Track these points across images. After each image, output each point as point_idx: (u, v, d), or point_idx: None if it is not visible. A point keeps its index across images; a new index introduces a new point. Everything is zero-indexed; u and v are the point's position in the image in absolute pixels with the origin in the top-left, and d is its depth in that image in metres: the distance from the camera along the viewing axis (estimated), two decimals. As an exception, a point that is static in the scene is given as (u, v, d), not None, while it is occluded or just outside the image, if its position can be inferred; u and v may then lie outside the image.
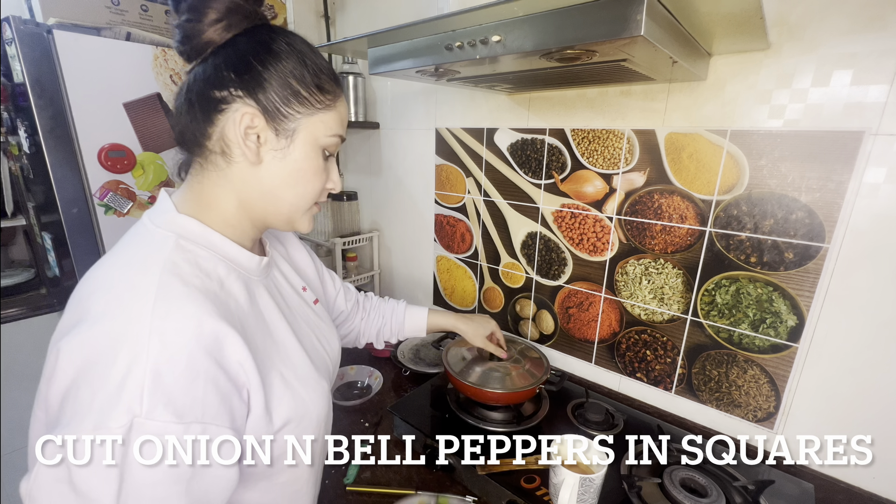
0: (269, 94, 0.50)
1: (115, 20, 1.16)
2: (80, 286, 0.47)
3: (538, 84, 0.98)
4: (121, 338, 0.40)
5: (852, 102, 0.72)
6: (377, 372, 1.21)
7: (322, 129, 0.53)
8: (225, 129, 0.50)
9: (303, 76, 0.51)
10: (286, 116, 0.51)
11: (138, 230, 0.51)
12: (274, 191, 0.53)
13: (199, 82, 0.50)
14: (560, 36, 0.55)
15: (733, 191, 0.85)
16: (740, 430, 0.93)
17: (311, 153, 0.53)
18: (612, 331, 1.09)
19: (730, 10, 0.58)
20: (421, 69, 0.77)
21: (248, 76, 0.49)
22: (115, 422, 0.37)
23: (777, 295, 0.84)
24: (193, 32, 0.49)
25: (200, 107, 0.50)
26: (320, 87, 0.53)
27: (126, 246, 0.50)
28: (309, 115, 0.52)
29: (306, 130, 0.52)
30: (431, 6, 0.78)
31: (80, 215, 1.04)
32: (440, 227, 1.44)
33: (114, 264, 0.48)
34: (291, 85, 0.50)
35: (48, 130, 0.98)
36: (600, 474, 0.71)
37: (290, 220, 0.57)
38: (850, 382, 0.79)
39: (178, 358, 0.41)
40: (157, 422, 0.38)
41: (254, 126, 0.50)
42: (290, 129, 0.51)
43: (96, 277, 0.47)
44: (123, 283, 0.44)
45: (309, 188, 0.55)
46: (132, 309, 0.41)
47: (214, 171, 0.52)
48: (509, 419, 0.99)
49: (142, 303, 0.42)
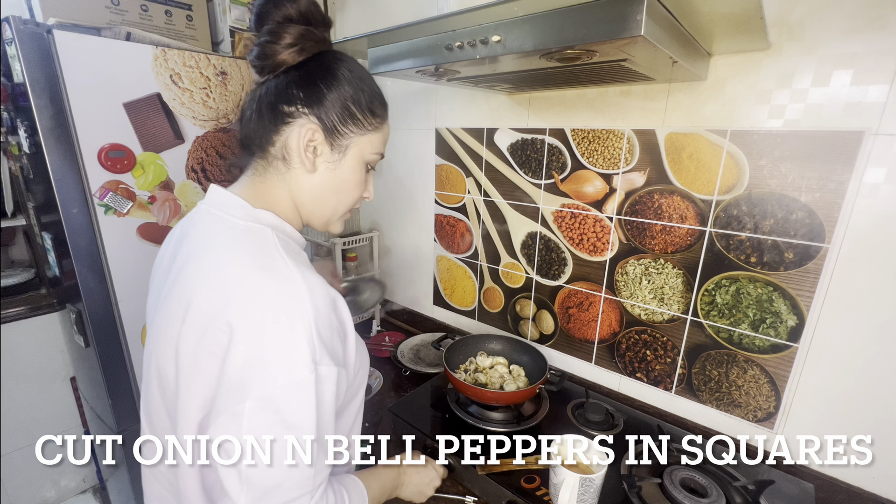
0: (329, 113, 0.57)
1: (115, 20, 1.16)
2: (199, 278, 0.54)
3: (538, 84, 0.98)
4: (289, 309, 0.50)
5: (852, 102, 0.72)
6: (377, 372, 1.21)
7: (369, 148, 0.62)
8: (289, 139, 0.58)
9: (359, 100, 0.59)
10: (342, 134, 0.59)
11: (225, 225, 0.57)
12: (322, 196, 0.62)
13: (270, 95, 0.57)
14: (560, 36, 0.55)
15: (733, 191, 0.85)
16: (740, 430, 0.93)
17: (357, 167, 0.62)
18: (612, 331, 1.09)
19: (730, 10, 0.58)
20: (421, 69, 0.77)
21: (313, 96, 0.57)
22: (304, 369, 0.49)
23: (777, 295, 0.84)
24: (270, 52, 0.56)
25: (269, 117, 0.57)
26: (372, 111, 0.60)
27: (228, 242, 0.55)
28: (360, 134, 0.60)
29: (356, 147, 0.60)
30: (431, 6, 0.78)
31: (80, 215, 1.04)
32: (440, 227, 1.44)
33: (237, 253, 0.54)
34: (349, 107, 0.58)
35: (48, 130, 0.98)
36: (600, 474, 0.71)
37: (328, 222, 0.65)
38: (850, 382, 0.79)
39: (325, 319, 0.52)
40: (325, 367, 0.51)
41: (314, 140, 0.58)
42: (344, 146, 0.60)
43: (219, 268, 0.53)
44: (266, 268, 0.52)
45: (350, 196, 0.64)
46: (288, 288, 0.51)
47: (275, 174, 0.60)
48: (509, 419, 0.99)
49: (291, 282, 0.51)
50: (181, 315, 0.53)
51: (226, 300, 0.50)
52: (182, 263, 0.57)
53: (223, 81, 1.22)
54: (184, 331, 0.52)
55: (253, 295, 0.50)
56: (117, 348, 1.16)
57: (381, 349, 1.40)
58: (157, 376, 0.58)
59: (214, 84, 1.21)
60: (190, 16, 1.31)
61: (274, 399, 0.48)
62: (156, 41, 1.11)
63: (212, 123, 1.23)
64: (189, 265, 0.55)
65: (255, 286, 0.51)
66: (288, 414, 0.49)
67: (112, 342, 1.15)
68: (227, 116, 1.26)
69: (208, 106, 1.21)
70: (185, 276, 0.55)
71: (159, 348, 0.56)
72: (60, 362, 1.61)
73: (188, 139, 1.19)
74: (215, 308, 0.50)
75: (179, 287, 0.55)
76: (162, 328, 0.56)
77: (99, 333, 1.12)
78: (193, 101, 1.17)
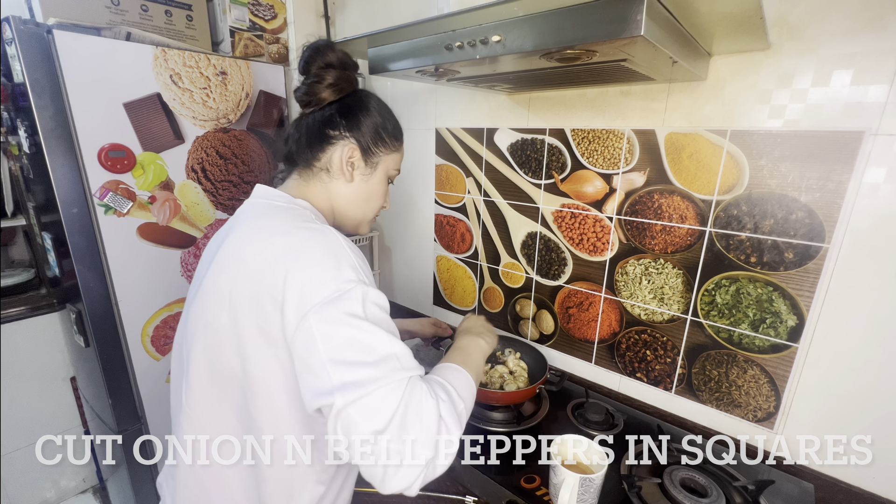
0: (365, 136, 0.71)
1: (115, 20, 1.16)
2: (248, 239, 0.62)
3: (538, 84, 0.98)
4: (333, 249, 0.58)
5: (852, 102, 0.72)
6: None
7: (392, 165, 0.76)
8: (333, 155, 0.70)
9: (386, 127, 0.74)
10: (374, 153, 0.72)
11: (269, 205, 0.67)
12: (356, 202, 0.74)
13: (317, 123, 0.71)
14: (560, 36, 0.55)
15: (733, 191, 0.85)
16: (740, 430, 0.93)
17: (383, 180, 0.76)
18: (612, 331, 1.09)
19: (730, 10, 0.58)
20: (421, 69, 0.77)
21: (353, 123, 0.71)
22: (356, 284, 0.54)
23: (777, 295, 0.84)
24: (315, 91, 0.70)
25: (317, 138, 0.71)
26: (395, 136, 0.76)
27: (273, 213, 0.65)
28: (387, 154, 0.74)
29: (384, 164, 0.75)
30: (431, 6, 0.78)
31: (80, 215, 1.04)
32: (440, 227, 1.44)
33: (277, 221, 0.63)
34: (379, 132, 0.73)
35: (48, 130, 0.98)
36: (600, 474, 0.71)
37: (357, 225, 0.78)
38: (850, 382, 0.79)
39: (363, 264, 0.60)
40: (373, 289, 0.56)
41: (353, 157, 0.71)
42: (375, 162, 0.73)
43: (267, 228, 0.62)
44: (304, 228, 0.60)
45: (377, 204, 0.77)
46: (329, 235, 0.60)
47: (318, 182, 0.72)
48: (509, 419, 0.99)
49: (331, 232, 0.60)
50: (234, 270, 0.59)
51: (277, 248, 0.57)
52: (231, 235, 0.64)
53: (223, 81, 1.22)
54: (238, 282, 0.58)
55: (301, 242, 0.58)
56: (117, 348, 1.16)
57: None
58: (203, 339, 0.62)
59: (214, 84, 1.21)
60: (190, 16, 1.31)
61: (336, 304, 0.52)
62: (156, 41, 1.11)
63: (212, 123, 1.23)
64: (237, 232, 0.64)
65: (301, 236, 0.59)
66: (353, 309, 0.52)
67: (112, 342, 1.15)
68: (227, 116, 1.26)
69: (208, 106, 1.21)
70: (234, 240, 0.63)
71: (209, 307, 0.61)
72: (60, 362, 1.61)
73: (188, 139, 1.19)
74: (267, 256, 0.57)
75: (229, 249, 0.62)
76: (211, 288, 0.62)
77: (99, 333, 1.12)
78: (193, 101, 1.17)
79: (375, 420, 0.47)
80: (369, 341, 0.52)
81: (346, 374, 0.49)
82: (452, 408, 0.54)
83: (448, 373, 0.62)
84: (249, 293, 0.56)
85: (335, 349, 0.50)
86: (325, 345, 0.51)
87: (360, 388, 0.48)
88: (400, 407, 0.49)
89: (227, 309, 0.58)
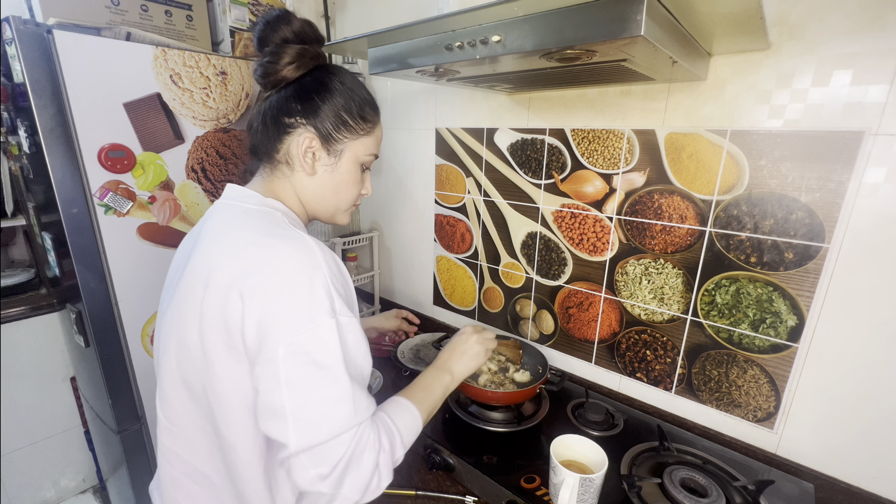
0: (324, 122, 0.64)
1: (115, 20, 1.16)
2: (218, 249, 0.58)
3: (538, 84, 0.98)
4: (306, 266, 0.55)
5: (852, 102, 0.72)
6: (377, 372, 1.21)
7: (362, 150, 0.68)
8: (290, 146, 0.65)
9: (350, 109, 0.65)
10: (336, 140, 0.65)
11: (240, 209, 0.63)
12: (323, 195, 0.68)
13: (273, 109, 0.64)
14: (560, 36, 0.55)
15: (733, 191, 0.85)
16: (740, 430, 0.93)
17: (353, 168, 0.68)
18: (612, 331, 1.09)
19: (730, 10, 0.58)
20: (421, 69, 0.77)
21: (310, 108, 0.63)
22: (326, 315, 0.54)
23: (777, 295, 0.84)
24: (272, 71, 0.63)
25: (273, 128, 0.65)
26: (363, 117, 0.67)
27: (244, 219, 0.61)
28: (354, 139, 0.67)
29: (350, 151, 0.67)
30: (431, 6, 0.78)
31: (80, 215, 1.04)
32: (440, 227, 1.44)
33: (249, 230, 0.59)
34: (342, 116, 0.65)
35: (48, 130, 0.98)
36: (600, 474, 0.71)
37: (331, 217, 0.72)
38: (850, 382, 0.79)
39: (337, 275, 0.58)
40: (345, 316, 0.56)
41: (312, 147, 0.64)
42: (339, 150, 0.66)
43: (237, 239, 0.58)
44: (278, 236, 0.57)
45: (349, 194, 0.70)
46: (303, 249, 0.56)
47: (281, 176, 0.67)
48: (509, 419, 0.99)
49: (305, 244, 0.56)
50: (203, 283, 0.56)
51: (247, 263, 0.55)
52: (201, 243, 0.61)
53: (223, 81, 1.22)
54: (207, 297, 0.56)
55: (272, 256, 0.55)
56: (117, 348, 1.16)
57: (381, 349, 1.39)
58: (176, 353, 0.60)
59: (214, 84, 1.20)
60: (190, 16, 1.31)
61: (303, 343, 0.52)
62: (156, 41, 1.11)
63: (212, 123, 1.23)
64: (207, 241, 0.60)
65: (272, 249, 0.56)
66: (318, 355, 0.53)
67: (112, 342, 1.15)
68: (227, 116, 1.26)
69: (208, 106, 1.21)
70: (204, 250, 0.60)
71: (181, 320, 0.59)
72: (60, 362, 1.61)
73: (188, 139, 1.19)
74: (236, 272, 0.55)
75: (199, 260, 0.59)
76: (182, 300, 0.59)
77: (99, 333, 1.12)
78: (193, 101, 1.17)
79: (321, 467, 0.52)
80: (331, 394, 0.53)
81: (305, 424, 0.52)
82: (390, 457, 0.59)
83: (401, 415, 0.64)
84: (218, 311, 0.55)
85: (298, 397, 0.52)
86: (289, 391, 0.52)
87: (314, 437, 0.52)
88: (344, 457, 0.53)
89: (197, 325, 0.57)
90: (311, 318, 0.53)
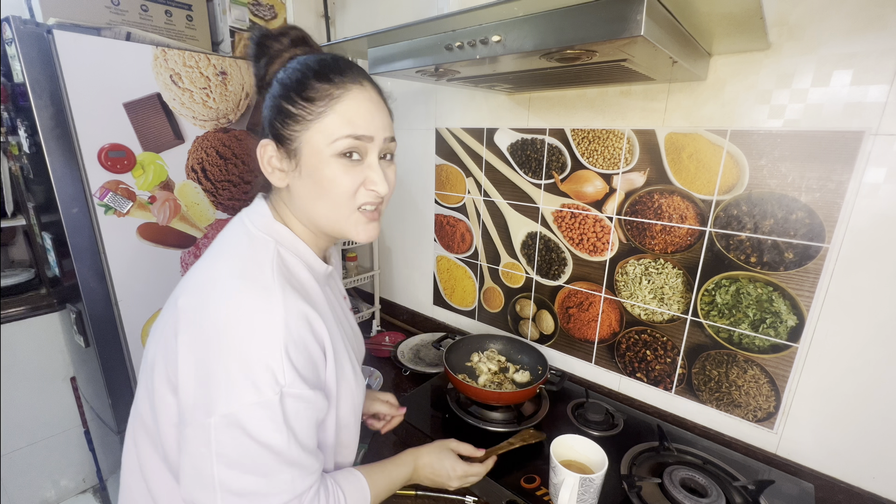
0: (273, 122, 0.55)
1: (115, 20, 1.16)
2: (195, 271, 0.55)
3: (538, 84, 0.98)
4: (261, 325, 0.48)
5: (852, 102, 0.72)
6: (377, 372, 1.21)
7: (321, 139, 0.53)
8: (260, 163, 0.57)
9: (288, 96, 0.53)
10: (289, 138, 0.54)
11: (242, 230, 0.58)
12: (308, 206, 0.57)
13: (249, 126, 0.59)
14: (560, 36, 0.55)
15: (733, 191, 0.85)
16: (740, 430, 0.93)
17: (320, 165, 0.54)
18: (612, 331, 1.09)
19: (730, 10, 0.58)
20: (421, 69, 0.77)
21: (262, 114, 0.56)
22: (271, 391, 0.48)
23: (777, 295, 0.84)
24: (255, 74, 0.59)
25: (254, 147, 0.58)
26: (306, 97, 0.53)
27: (236, 245, 0.56)
28: (303, 129, 0.53)
29: (307, 145, 0.54)
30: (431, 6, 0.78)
31: (80, 215, 1.04)
32: (440, 227, 1.44)
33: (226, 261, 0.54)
34: (283, 107, 0.54)
35: (48, 130, 0.98)
36: (600, 474, 0.71)
37: (338, 230, 0.59)
38: (850, 382, 0.79)
39: (298, 340, 0.50)
40: (295, 389, 0.50)
41: (269, 155, 0.56)
42: (294, 149, 0.55)
43: (216, 269, 0.53)
44: (249, 277, 0.51)
45: (339, 195, 0.55)
46: (264, 305, 0.49)
47: (277, 198, 0.61)
48: (509, 419, 0.99)
49: (269, 300, 0.50)
50: (173, 309, 0.53)
51: (202, 302, 0.50)
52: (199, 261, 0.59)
53: (223, 81, 1.22)
54: (169, 325, 0.52)
55: (226, 304, 0.49)
56: (117, 348, 1.16)
57: (381, 349, 1.40)
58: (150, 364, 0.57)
59: (214, 84, 1.20)
60: (190, 16, 1.31)
61: (239, 417, 0.47)
62: (156, 41, 1.11)
63: (212, 123, 1.23)
64: (204, 255, 0.58)
65: (229, 297, 0.50)
66: (254, 432, 0.47)
67: (112, 342, 1.15)
68: (227, 116, 1.26)
69: (208, 106, 1.21)
70: (195, 266, 0.57)
71: (154, 342, 0.57)
72: (60, 362, 1.61)
73: (188, 139, 1.19)
74: (193, 307, 0.51)
75: (186, 280, 0.56)
76: (161, 318, 0.57)
77: (99, 333, 1.12)
78: (193, 101, 1.17)
79: None
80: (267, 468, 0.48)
81: (235, 498, 0.48)
82: None
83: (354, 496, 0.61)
84: (172, 347, 0.51)
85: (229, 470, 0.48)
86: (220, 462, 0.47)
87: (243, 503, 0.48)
88: None
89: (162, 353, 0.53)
90: (254, 387, 0.47)
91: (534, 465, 0.85)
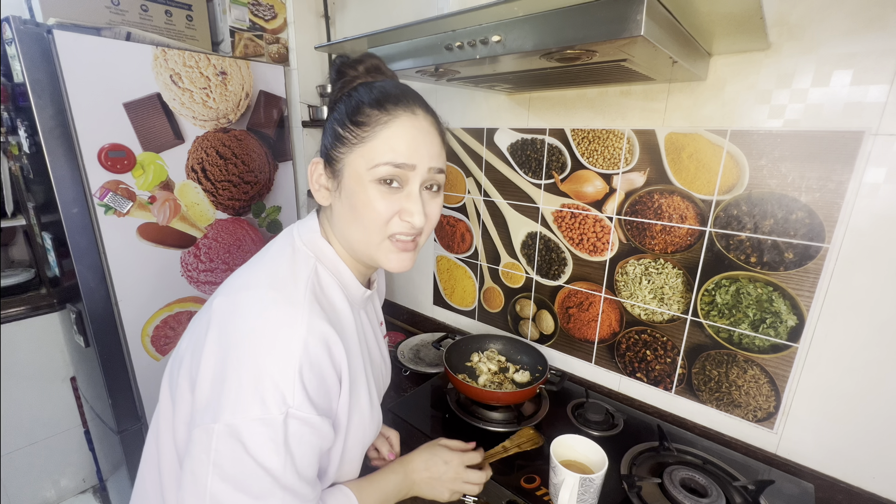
0: (325, 141, 0.58)
1: (115, 20, 1.16)
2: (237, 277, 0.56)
3: (538, 84, 0.98)
4: (280, 341, 0.49)
5: (852, 102, 0.72)
6: (377, 372, 1.21)
7: (362, 163, 0.54)
8: None
9: (342, 118, 0.56)
10: (335, 159, 0.57)
11: (289, 241, 0.60)
12: (344, 228, 0.59)
13: None
14: (560, 36, 0.55)
15: (733, 191, 0.85)
16: (740, 430, 0.93)
17: (358, 188, 0.55)
18: (612, 331, 1.09)
19: (730, 10, 0.58)
20: (421, 69, 0.77)
21: (323, 133, 0.60)
22: (277, 409, 0.47)
23: (777, 295, 0.84)
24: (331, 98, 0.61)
25: None
26: (355, 122, 0.55)
27: (279, 255, 0.58)
28: (348, 152, 0.55)
29: (349, 168, 0.55)
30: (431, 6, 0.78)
31: (80, 215, 1.04)
32: (440, 227, 1.43)
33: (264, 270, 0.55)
34: (335, 129, 0.56)
35: (48, 130, 0.98)
36: (600, 474, 0.71)
37: (368, 256, 0.59)
38: (850, 382, 0.79)
39: (314, 364, 0.50)
40: (302, 412, 0.49)
41: (318, 173, 0.59)
42: (339, 170, 0.56)
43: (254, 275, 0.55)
44: (280, 290, 0.52)
45: (367, 222, 0.56)
46: (286, 321, 0.50)
47: (324, 211, 0.62)
48: (509, 419, 0.99)
49: (296, 314, 0.50)
50: (209, 308, 0.55)
51: (234, 307, 0.52)
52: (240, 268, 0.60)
53: (223, 81, 1.22)
54: (203, 323, 0.54)
55: (255, 312, 0.50)
56: (117, 348, 1.16)
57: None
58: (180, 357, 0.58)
59: (214, 84, 1.21)
60: (190, 16, 1.31)
61: (240, 429, 0.46)
62: (156, 41, 1.11)
63: (212, 123, 1.23)
64: (241, 266, 0.59)
65: (261, 303, 0.51)
66: (252, 449, 0.47)
67: (112, 342, 1.15)
68: (227, 116, 1.26)
69: (208, 106, 1.21)
70: (233, 274, 0.58)
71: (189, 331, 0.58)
72: (60, 362, 1.61)
73: (188, 139, 1.19)
74: (225, 310, 0.52)
75: (224, 283, 0.58)
76: (199, 314, 0.58)
77: (99, 333, 1.12)
78: (193, 101, 1.17)
79: None
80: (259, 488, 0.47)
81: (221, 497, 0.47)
82: None
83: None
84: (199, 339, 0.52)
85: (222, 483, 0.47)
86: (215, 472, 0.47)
87: None
88: None
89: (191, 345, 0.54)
90: (261, 402, 0.47)
91: (534, 465, 0.85)
